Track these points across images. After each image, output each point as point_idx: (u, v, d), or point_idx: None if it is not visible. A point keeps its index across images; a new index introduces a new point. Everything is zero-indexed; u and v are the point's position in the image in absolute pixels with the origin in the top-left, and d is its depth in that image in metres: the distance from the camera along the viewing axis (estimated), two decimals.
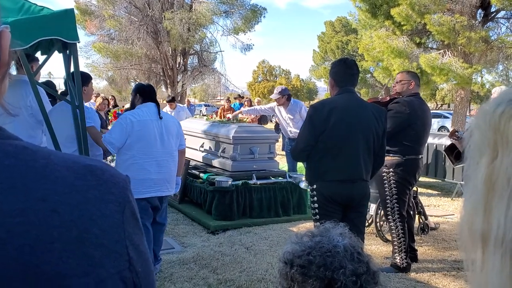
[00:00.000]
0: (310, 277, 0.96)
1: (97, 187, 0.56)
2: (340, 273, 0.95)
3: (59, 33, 3.28)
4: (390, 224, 4.18)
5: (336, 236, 1.04)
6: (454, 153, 4.06)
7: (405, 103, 4.03)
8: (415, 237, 4.56)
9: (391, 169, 4.08)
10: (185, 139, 4.34)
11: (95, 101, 8.98)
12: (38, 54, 4.25)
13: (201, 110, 30.37)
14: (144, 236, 0.61)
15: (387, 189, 4.12)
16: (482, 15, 12.52)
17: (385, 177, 4.12)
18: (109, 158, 6.16)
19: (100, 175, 0.57)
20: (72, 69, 3.62)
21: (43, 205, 0.51)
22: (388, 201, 4.14)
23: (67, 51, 3.61)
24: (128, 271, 0.55)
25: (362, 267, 0.98)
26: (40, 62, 4.06)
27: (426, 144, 6.06)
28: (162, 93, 24.90)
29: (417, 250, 4.46)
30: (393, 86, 4.39)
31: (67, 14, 3.34)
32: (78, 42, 3.55)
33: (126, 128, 3.59)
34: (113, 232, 0.55)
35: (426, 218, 5.27)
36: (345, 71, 3.24)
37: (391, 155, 4.06)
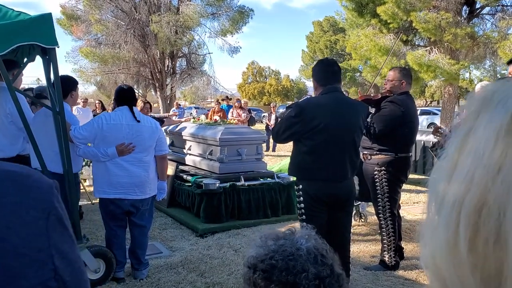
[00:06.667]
0: (273, 282, 0.94)
1: (16, 193, 0.52)
2: (303, 277, 0.92)
3: (37, 38, 3.23)
4: (381, 222, 4.16)
5: (300, 238, 1.01)
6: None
7: (399, 101, 4.01)
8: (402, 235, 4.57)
9: (383, 168, 4.04)
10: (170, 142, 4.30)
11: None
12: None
13: (191, 113, 30.17)
14: (75, 244, 0.57)
15: (378, 187, 4.09)
16: (467, 11, 12.60)
17: (376, 176, 4.08)
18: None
19: (20, 180, 0.54)
20: (52, 75, 3.57)
21: None
22: (380, 199, 4.11)
23: (47, 56, 3.55)
24: (53, 280, 0.52)
25: (326, 270, 0.96)
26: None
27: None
28: (152, 96, 24.77)
29: (403, 249, 4.46)
30: (385, 84, 4.36)
31: (45, 19, 3.27)
32: (58, 47, 3.49)
33: (96, 128, 3.70)
34: (35, 241, 0.51)
35: None
36: (324, 69, 3.22)
37: (383, 153, 4.05)
